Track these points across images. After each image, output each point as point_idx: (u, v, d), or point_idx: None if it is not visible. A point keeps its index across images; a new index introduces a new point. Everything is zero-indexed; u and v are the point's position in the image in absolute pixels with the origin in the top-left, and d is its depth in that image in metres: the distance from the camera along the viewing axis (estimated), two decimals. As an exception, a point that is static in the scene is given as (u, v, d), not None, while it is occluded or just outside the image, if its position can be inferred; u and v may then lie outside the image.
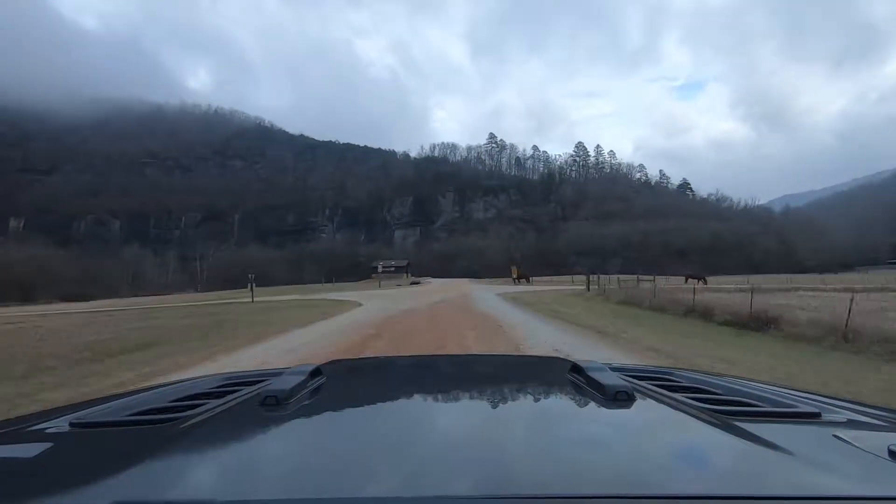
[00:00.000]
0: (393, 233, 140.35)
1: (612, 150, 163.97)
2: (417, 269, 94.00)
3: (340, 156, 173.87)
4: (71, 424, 0.78)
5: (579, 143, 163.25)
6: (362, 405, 0.97)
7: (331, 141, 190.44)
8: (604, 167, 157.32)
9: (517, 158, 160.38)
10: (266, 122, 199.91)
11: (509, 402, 0.99)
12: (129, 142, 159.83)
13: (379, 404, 0.98)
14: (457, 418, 0.86)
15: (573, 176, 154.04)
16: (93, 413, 0.85)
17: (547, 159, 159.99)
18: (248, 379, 1.11)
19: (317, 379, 1.04)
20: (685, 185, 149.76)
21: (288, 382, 0.90)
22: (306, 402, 0.89)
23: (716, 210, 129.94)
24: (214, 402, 0.86)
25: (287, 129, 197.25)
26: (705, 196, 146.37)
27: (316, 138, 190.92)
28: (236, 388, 1.01)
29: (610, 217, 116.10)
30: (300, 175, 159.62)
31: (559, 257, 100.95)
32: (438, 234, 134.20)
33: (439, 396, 1.05)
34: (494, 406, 0.95)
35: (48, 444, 0.70)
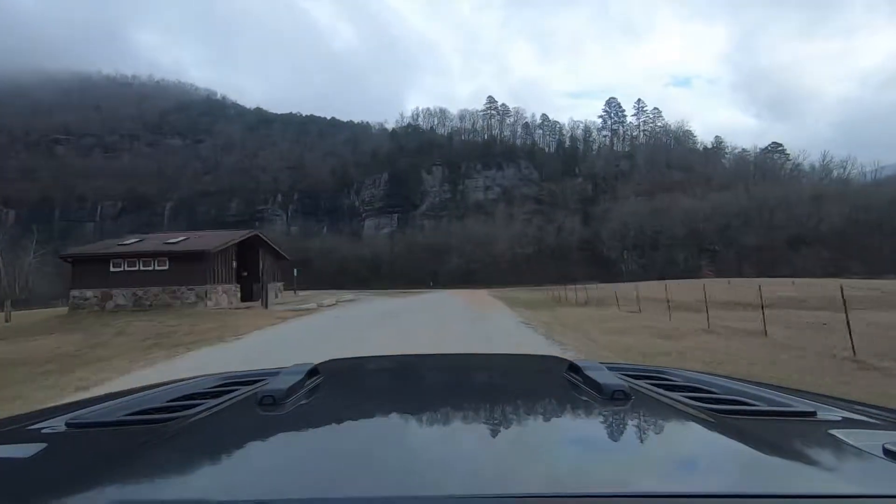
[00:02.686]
0: (363, 221, 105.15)
1: (656, 108, 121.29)
2: (392, 270, 61.44)
3: (301, 130, 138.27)
4: (67, 424, 0.77)
5: (611, 98, 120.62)
6: (359, 404, 0.96)
7: (290, 113, 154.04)
8: (645, 130, 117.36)
9: (526, 124, 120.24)
10: (218, 95, 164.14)
11: (507, 401, 0.98)
12: (39, 117, 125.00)
13: (376, 403, 0.97)
14: (454, 417, 0.86)
15: (604, 142, 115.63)
16: (89, 413, 0.84)
17: (560, 130, 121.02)
18: (246, 379, 1.10)
19: (314, 378, 1.03)
20: (774, 149, 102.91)
21: (285, 382, 0.90)
22: (303, 402, 0.88)
23: (834, 179, 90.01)
24: (212, 402, 0.85)
25: (242, 103, 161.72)
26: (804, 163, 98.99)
27: (274, 112, 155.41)
28: (234, 387, 1.01)
29: (670, 192, 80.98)
30: (249, 153, 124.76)
31: (602, 251, 67.70)
32: (422, 221, 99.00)
33: (437, 395, 1.04)
34: (492, 405, 0.93)
35: (44, 445, 0.69)
